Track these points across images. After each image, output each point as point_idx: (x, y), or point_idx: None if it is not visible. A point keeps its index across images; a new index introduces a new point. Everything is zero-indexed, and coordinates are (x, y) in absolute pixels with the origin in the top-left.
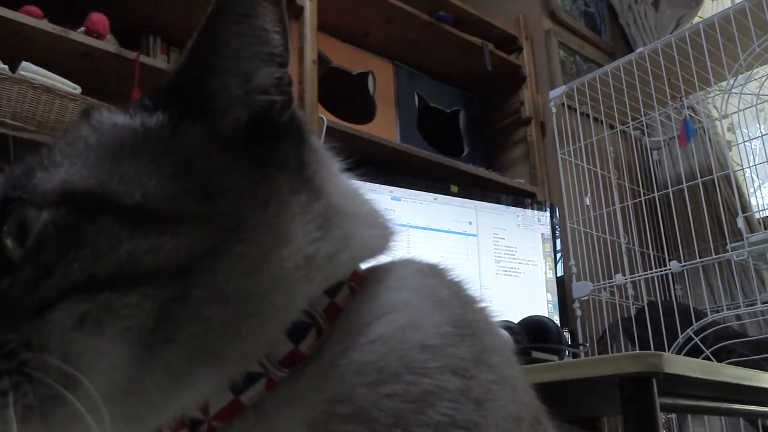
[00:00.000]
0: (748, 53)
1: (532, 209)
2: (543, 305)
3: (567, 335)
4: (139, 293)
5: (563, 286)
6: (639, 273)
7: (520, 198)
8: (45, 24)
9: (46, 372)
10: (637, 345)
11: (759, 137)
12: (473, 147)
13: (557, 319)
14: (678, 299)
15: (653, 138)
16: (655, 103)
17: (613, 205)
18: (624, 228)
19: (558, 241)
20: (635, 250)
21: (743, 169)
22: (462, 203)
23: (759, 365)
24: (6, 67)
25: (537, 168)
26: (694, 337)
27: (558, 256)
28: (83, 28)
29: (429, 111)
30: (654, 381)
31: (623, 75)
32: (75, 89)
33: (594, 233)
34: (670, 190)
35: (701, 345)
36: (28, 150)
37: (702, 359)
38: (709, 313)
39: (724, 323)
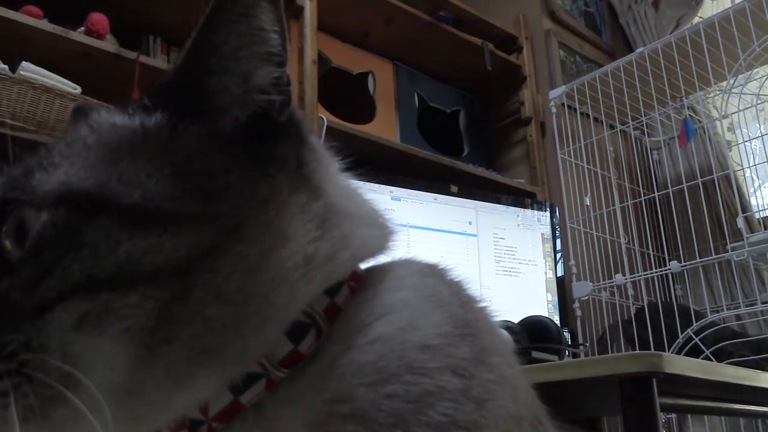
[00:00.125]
0: (748, 53)
1: (532, 209)
2: (543, 305)
3: (567, 335)
4: (139, 293)
5: (563, 286)
6: (639, 273)
7: (520, 198)
8: (45, 24)
9: (46, 372)
10: (637, 346)
11: (759, 137)
12: (473, 147)
13: (557, 319)
14: (678, 299)
15: (653, 138)
16: (655, 103)
17: (613, 205)
18: (624, 228)
19: (558, 241)
20: (635, 250)
21: (743, 169)
22: (462, 203)
23: (759, 365)
24: (6, 67)
25: (537, 168)
26: (694, 337)
27: (558, 256)
28: (83, 28)
29: (429, 111)
30: (654, 381)
31: (623, 75)
32: (75, 89)
33: (594, 233)
34: (670, 190)
35: (701, 345)
36: (27, 150)
37: (702, 359)
38: (709, 313)
39: (723, 323)
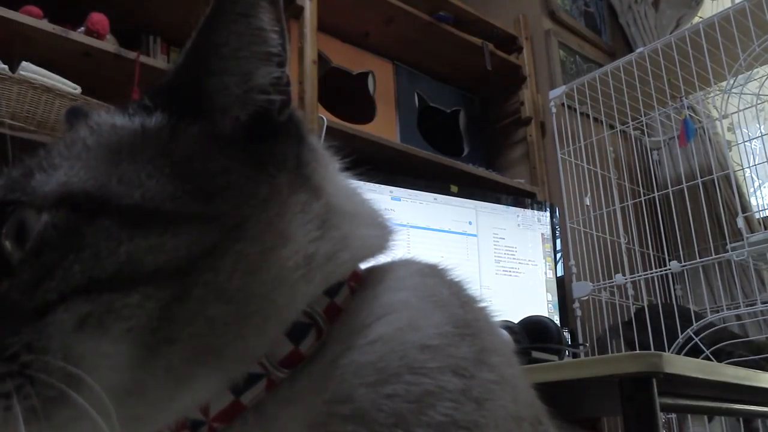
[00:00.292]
0: (748, 53)
1: (532, 209)
2: (543, 305)
3: (567, 335)
4: (141, 293)
5: (563, 286)
6: (639, 273)
7: (520, 198)
8: (45, 24)
9: (49, 373)
10: (637, 346)
11: (759, 137)
12: (473, 147)
13: (557, 319)
14: (678, 299)
15: (653, 138)
16: (655, 103)
17: (613, 205)
18: (624, 228)
19: (558, 241)
20: (635, 250)
21: (743, 169)
22: (462, 203)
23: (758, 365)
24: (6, 67)
25: (537, 168)
26: (694, 337)
27: (558, 256)
28: (83, 28)
29: (429, 111)
30: (654, 381)
31: (623, 75)
32: (75, 89)
33: (594, 233)
34: (670, 190)
35: (701, 345)
36: (27, 151)
37: (701, 359)
38: (709, 314)
39: (723, 323)
